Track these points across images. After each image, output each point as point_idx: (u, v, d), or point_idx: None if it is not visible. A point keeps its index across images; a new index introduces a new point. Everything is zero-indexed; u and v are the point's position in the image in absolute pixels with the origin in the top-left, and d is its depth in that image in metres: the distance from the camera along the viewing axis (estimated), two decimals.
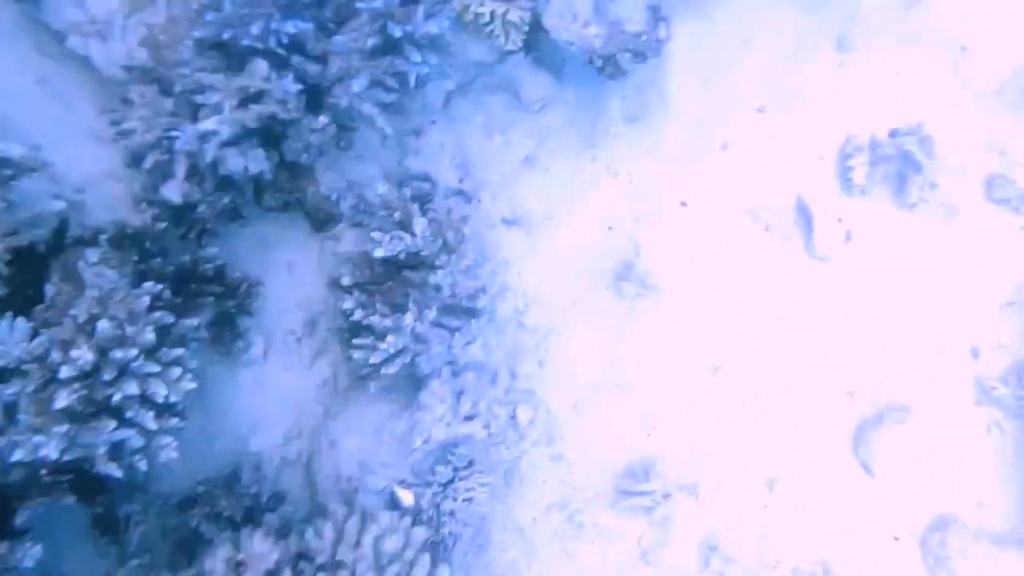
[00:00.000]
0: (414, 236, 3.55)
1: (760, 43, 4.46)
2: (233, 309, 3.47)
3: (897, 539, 3.56)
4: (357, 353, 3.37)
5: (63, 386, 2.38)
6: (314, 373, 3.76)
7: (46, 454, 2.31)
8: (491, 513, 3.58)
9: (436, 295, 3.63)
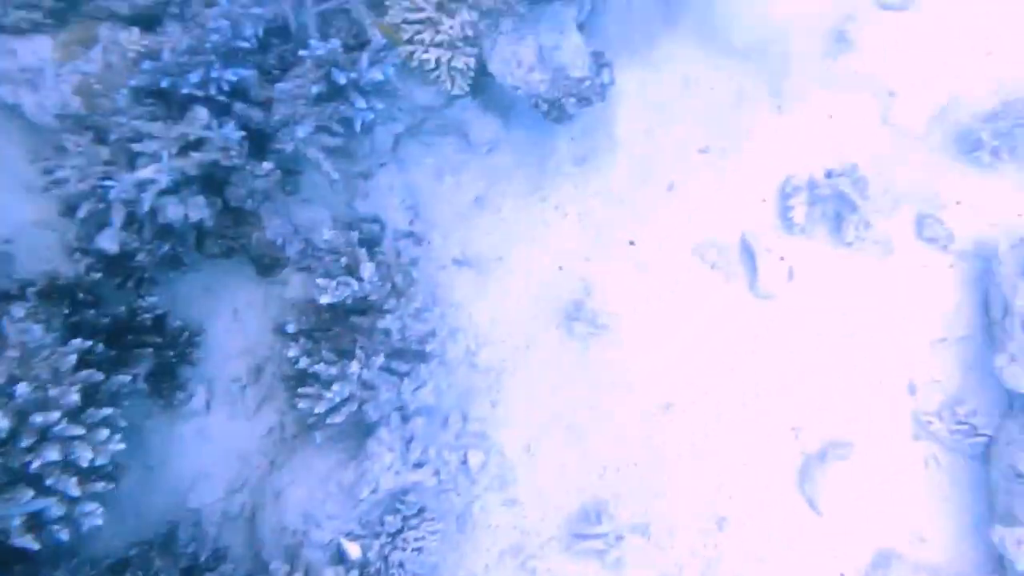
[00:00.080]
0: (361, 281, 3.52)
1: (702, 88, 4.61)
2: (173, 359, 3.38)
3: None
4: (302, 402, 3.30)
5: None
6: (259, 422, 3.67)
7: None
8: (442, 562, 3.51)
9: (385, 340, 3.59)
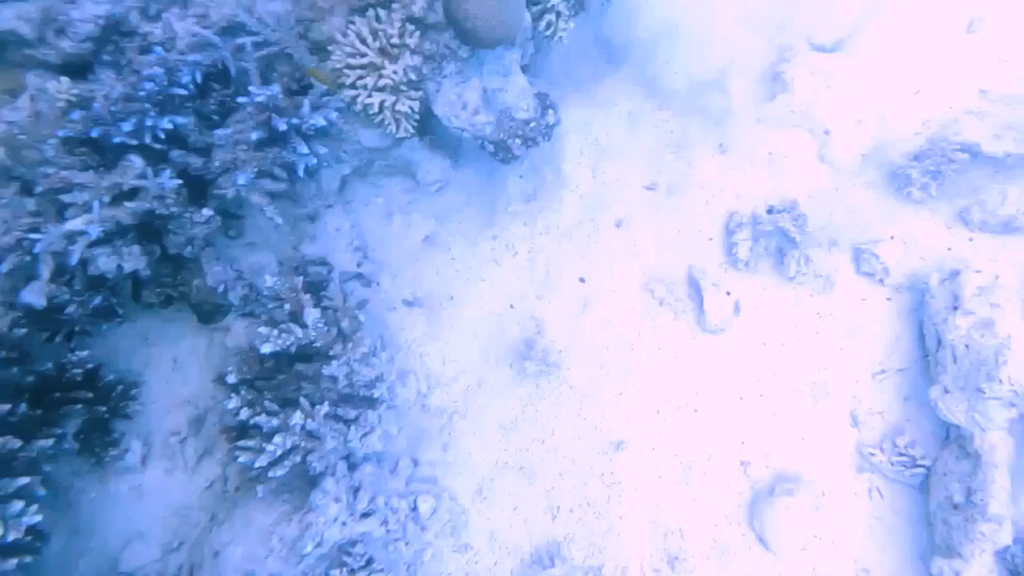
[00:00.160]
0: (305, 328, 3.45)
1: (646, 126, 4.71)
2: (106, 414, 3.25)
3: None
4: (243, 456, 3.20)
5: None
6: (199, 475, 3.54)
7: None
8: None
9: (331, 386, 3.51)
